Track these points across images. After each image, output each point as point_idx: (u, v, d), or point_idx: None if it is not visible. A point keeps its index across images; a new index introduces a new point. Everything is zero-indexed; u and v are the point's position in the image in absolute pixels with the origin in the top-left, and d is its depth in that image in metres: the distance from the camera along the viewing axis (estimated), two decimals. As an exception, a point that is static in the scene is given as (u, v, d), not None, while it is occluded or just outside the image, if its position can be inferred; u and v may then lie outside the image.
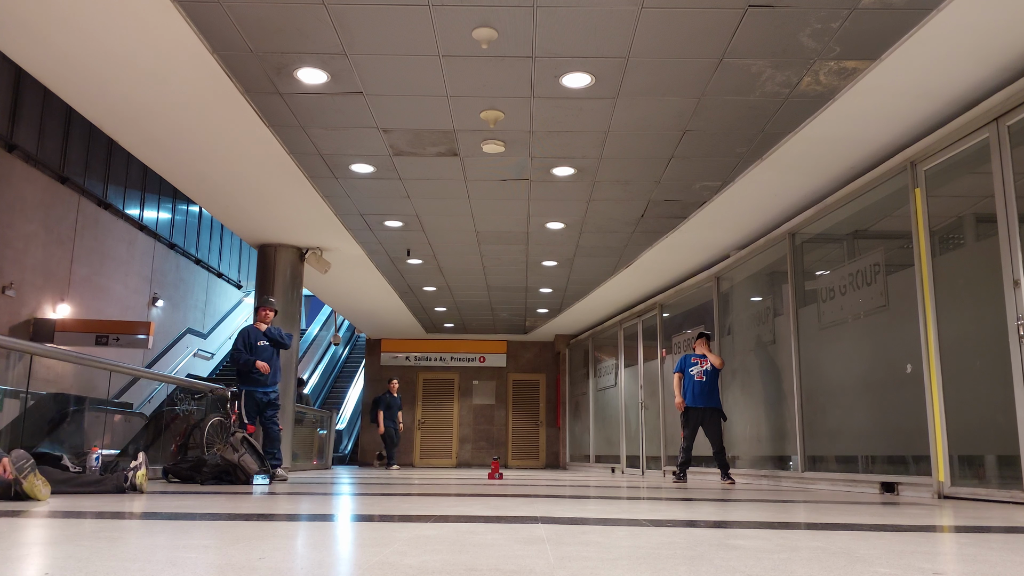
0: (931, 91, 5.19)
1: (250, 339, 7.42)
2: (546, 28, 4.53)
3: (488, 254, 9.82)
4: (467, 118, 5.79)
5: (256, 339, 7.44)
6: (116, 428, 8.77)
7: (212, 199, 7.90)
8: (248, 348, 7.37)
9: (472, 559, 1.90)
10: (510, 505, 3.98)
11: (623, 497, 4.92)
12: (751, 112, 5.59)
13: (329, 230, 8.89)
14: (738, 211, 7.77)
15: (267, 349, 7.44)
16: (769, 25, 4.46)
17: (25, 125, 11.85)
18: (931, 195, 5.67)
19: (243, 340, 7.40)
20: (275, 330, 7.52)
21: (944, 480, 5.30)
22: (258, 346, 7.41)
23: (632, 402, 12.49)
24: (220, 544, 2.15)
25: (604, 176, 6.95)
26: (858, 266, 6.49)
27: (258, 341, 7.44)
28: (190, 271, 17.98)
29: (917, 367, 5.65)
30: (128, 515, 3.14)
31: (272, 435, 7.37)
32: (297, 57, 4.91)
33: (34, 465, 3.97)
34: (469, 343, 16.99)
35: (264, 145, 6.38)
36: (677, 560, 1.93)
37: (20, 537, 2.29)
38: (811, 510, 3.88)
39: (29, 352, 6.31)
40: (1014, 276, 4.71)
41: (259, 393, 7.35)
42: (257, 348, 7.39)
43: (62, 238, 12.80)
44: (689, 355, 8.34)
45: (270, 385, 7.42)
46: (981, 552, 2.19)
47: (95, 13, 4.48)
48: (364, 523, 2.89)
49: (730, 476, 7.79)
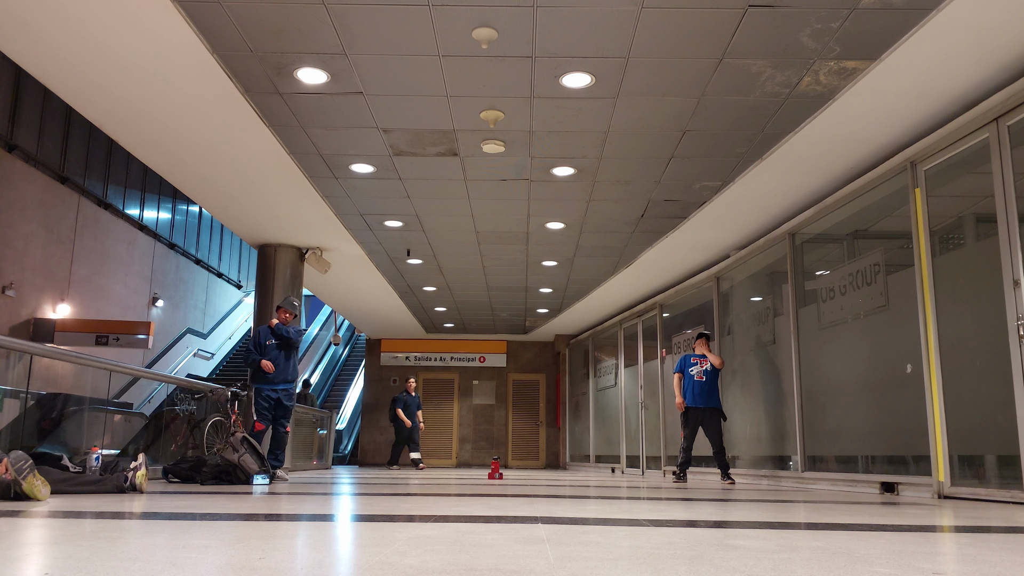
0: (931, 91, 5.19)
1: (260, 339, 7.63)
2: (546, 28, 4.53)
3: (488, 254, 9.81)
4: (467, 118, 5.79)
5: (265, 338, 7.62)
6: (116, 428, 8.77)
7: (212, 199, 7.90)
8: (258, 347, 7.57)
9: (472, 559, 1.90)
10: (510, 505, 3.98)
11: (623, 497, 4.92)
12: (751, 112, 5.59)
13: (329, 230, 8.89)
14: (738, 211, 7.77)
15: (275, 348, 7.58)
16: (769, 25, 4.46)
17: (25, 125, 11.85)
18: (931, 195, 5.67)
19: (254, 340, 7.65)
20: (282, 327, 7.63)
21: (944, 480, 5.30)
22: (266, 345, 7.58)
23: (632, 402, 12.49)
24: (220, 544, 2.15)
25: (604, 176, 6.94)
26: (858, 266, 6.49)
27: (267, 340, 7.61)
28: (190, 271, 17.98)
29: (917, 367, 5.65)
30: (128, 515, 3.14)
31: (279, 438, 7.52)
32: (297, 57, 4.91)
33: (33, 466, 3.97)
34: (469, 343, 16.99)
35: (264, 145, 6.38)
36: (677, 560, 1.93)
37: (20, 537, 2.29)
38: (811, 510, 3.88)
39: (29, 352, 6.31)
40: (1014, 276, 4.71)
41: (267, 390, 7.48)
42: (265, 347, 7.57)
43: (62, 238, 12.80)
44: (689, 355, 8.35)
45: (278, 382, 7.51)
46: (981, 552, 2.19)
47: (95, 13, 4.48)
48: (364, 523, 2.89)
49: (730, 476, 7.79)
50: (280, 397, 7.52)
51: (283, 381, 7.55)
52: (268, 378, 7.47)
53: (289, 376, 7.61)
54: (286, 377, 7.58)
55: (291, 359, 7.64)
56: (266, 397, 7.48)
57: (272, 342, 7.59)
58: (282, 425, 7.53)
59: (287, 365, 7.60)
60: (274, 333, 7.61)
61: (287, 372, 7.60)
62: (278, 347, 7.58)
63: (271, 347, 7.57)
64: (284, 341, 7.60)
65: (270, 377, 7.47)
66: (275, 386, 7.51)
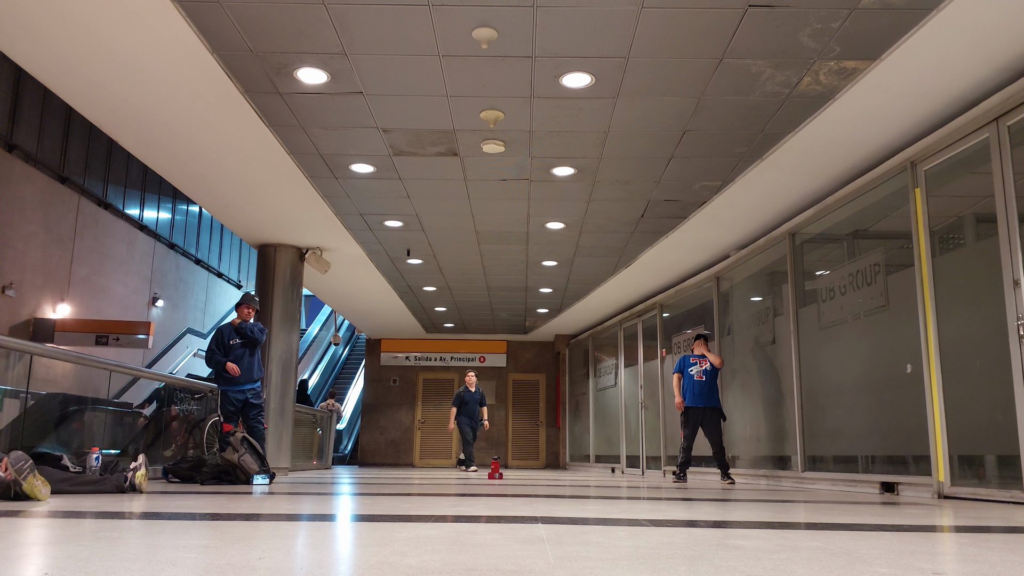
0: (931, 91, 5.19)
1: (224, 339, 7.31)
2: (546, 28, 4.53)
3: (488, 254, 9.82)
4: (467, 118, 5.79)
5: (229, 338, 7.31)
6: (116, 428, 8.76)
7: (212, 199, 7.90)
8: (222, 348, 7.25)
9: (472, 559, 1.90)
10: (510, 505, 3.98)
11: (623, 497, 4.92)
12: (751, 112, 5.59)
13: (329, 230, 8.89)
14: (738, 211, 7.77)
15: (239, 347, 7.30)
16: (769, 25, 4.46)
17: (25, 125, 11.85)
18: (931, 195, 5.67)
19: (216, 341, 7.31)
20: (246, 325, 7.33)
21: (944, 480, 5.30)
22: (230, 345, 7.28)
23: (632, 402, 12.49)
24: (220, 544, 2.15)
25: (604, 176, 6.95)
26: (858, 266, 6.49)
27: (231, 340, 7.31)
28: (190, 271, 17.98)
29: (917, 367, 5.65)
30: (128, 515, 3.14)
31: (257, 435, 7.22)
32: (297, 57, 4.91)
33: (33, 466, 3.97)
34: (469, 343, 16.99)
35: (264, 145, 6.38)
36: (677, 560, 1.93)
37: (20, 537, 2.29)
38: (811, 510, 3.88)
39: (29, 352, 6.31)
40: (1014, 276, 4.71)
41: (234, 392, 7.23)
42: (230, 347, 7.27)
43: (62, 238, 12.80)
44: (688, 355, 8.35)
45: (244, 384, 7.26)
46: (981, 552, 2.19)
47: (95, 13, 4.48)
48: (364, 523, 2.89)
49: (730, 476, 7.80)
50: (248, 398, 7.27)
51: (249, 381, 7.28)
52: (234, 380, 7.20)
53: (255, 376, 7.34)
54: (251, 377, 7.30)
55: (256, 357, 7.38)
56: (233, 400, 7.21)
57: (236, 341, 7.30)
58: (259, 423, 7.26)
59: (252, 364, 7.32)
60: (238, 331, 7.30)
61: (252, 372, 7.31)
62: (242, 346, 7.30)
63: (235, 347, 7.27)
64: (249, 340, 7.31)
65: (237, 379, 7.20)
66: (242, 387, 7.23)
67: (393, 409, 16.93)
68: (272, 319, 9.45)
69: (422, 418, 16.89)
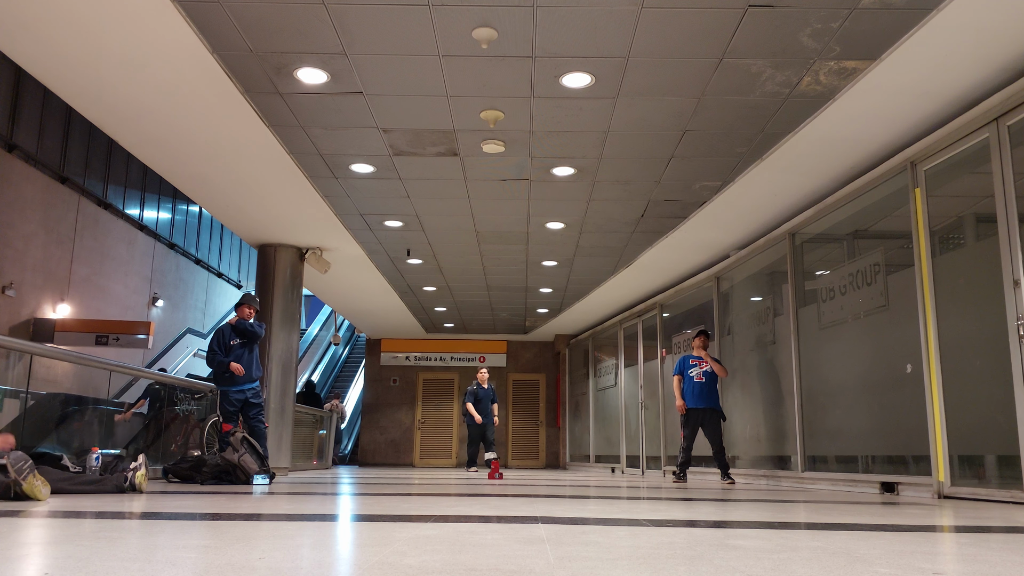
0: (931, 91, 5.19)
1: (224, 339, 7.31)
2: (546, 28, 4.53)
3: (488, 254, 9.81)
4: (467, 118, 5.79)
5: (230, 338, 7.32)
6: (116, 428, 8.76)
7: (212, 199, 7.90)
8: (223, 349, 7.26)
9: (472, 559, 1.90)
10: (510, 505, 3.98)
11: (623, 497, 4.92)
12: (751, 112, 5.59)
13: (329, 230, 8.89)
14: (738, 211, 7.77)
15: (239, 347, 7.30)
16: (769, 25, 4.46)
17: (25, 125, 11.85)
18: (931, 195, 5.67)
19: (217, 341, 7.31)
20: (244, 322, 7.33)
21: (944, 480, 5.30)
22: (231, 345, 7.29)
23: (632, 402, 12.49)
24: (220, 544, 2.15)
25: (604, 176, 6.95)
26: (858, 266, 6.49)
27: (231, 340, 7.31)
28: (190, 271, 17.98)
29: (917, 367, 5.65)
30: (128, 515, 3.14)
31: (258, 435, 7.23)
32: (297, 57, 4.91)
33: (32, 467, 3.97)
34: (469, 343, 16.99)
35: (264, 145, 6.38)
36: (677, 560, 1.93)
37: (20, 537, 2.29)
38: (811, 510, 3.88)
39: (29, 352, 6.31)
40: (1014, 276, 4.71)
41: (234, 392, 7.23)
42: (231, 347, 7.27)
43: (62, 238, 12.80)
44: (687, 356, 8.34)
45: (244, 383, 7.26)
46: (981, 552, 2.19)
47: (95, 13, 4.48)
48: (364, 523, 2.89)
49: (730, 476, 7.79)
50: (248, 397, 7.26)
51: (249, 381, 7.29)
52: (235, 379, 7.19)
53: (254, 375, 7.35)
54: (251, 376, 7.31)
55: (255, 356, 7.39)
56: (233, 400, 7.21)
57: (236, 341, 7.30)
58: (260, 422, 7.26)
59: (251, 362, 7.33)
60: (236, 330, 7.30)
61: (252, 370, 7.33)
62: (241, 345, 7.30)
63: (235, 347, 7.27)
64: (249, 336, 7.31)
65: (237, 379, 7.20)
66: (242, 387, 7.24)
67: (393, 409, 16.93)
68: (272, 319, 9.45)
69: (422, 418, 16.89)
